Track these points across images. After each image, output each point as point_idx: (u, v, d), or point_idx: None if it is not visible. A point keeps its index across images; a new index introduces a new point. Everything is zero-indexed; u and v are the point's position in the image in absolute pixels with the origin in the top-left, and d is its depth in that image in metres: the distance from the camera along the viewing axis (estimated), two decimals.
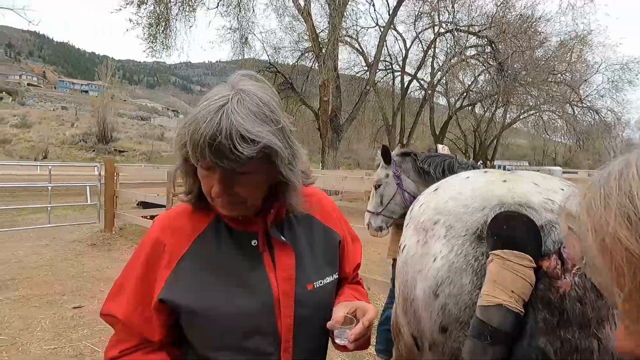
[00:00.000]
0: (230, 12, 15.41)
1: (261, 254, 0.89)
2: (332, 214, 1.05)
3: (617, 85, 22.71)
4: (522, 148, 50.23)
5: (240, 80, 0.82)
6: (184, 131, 0.77)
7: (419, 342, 1.23)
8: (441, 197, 1.37)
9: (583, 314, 0.92)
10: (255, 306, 0.85)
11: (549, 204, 1.10)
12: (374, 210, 2.69)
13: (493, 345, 0.89)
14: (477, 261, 1.05)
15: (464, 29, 18.62)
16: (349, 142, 26.73)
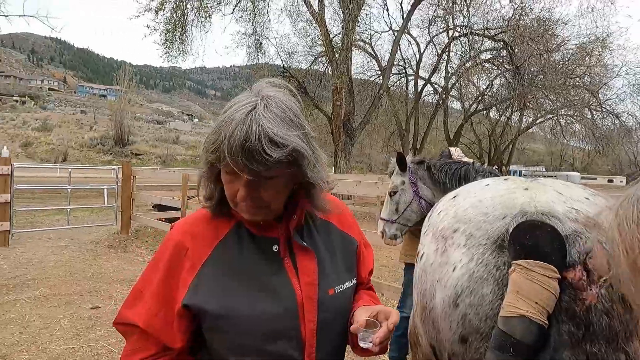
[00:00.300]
0: (245, 17, 15.61)
1: (282, 260, 0.90)
2: (349, 220, 1.07)
3: (638, 88, 22.08)
4: (538, 153, 49.27)
5: (265, 87, 0.85)
6: (214, 137, 0.79)
7: (437, 352, 1.21)
8: (461, 204, 1.35)
9: (610, 327, 0.90)
10: (279, 310, 0.86)
11: (572, 213, 1.07)
12: (389, 218, 2.66)
13: (515, 357, 0.87)
14: (498, 271, 1.03)
15: (479, 32, 18.43)
16: (362, 146, 26.67)
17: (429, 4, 18.94)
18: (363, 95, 20.81)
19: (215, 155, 0.80)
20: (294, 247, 0.92)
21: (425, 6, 18.96)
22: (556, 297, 0.90)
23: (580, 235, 0.99)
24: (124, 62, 65.98)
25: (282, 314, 0.86)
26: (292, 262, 0.90)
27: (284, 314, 0.86)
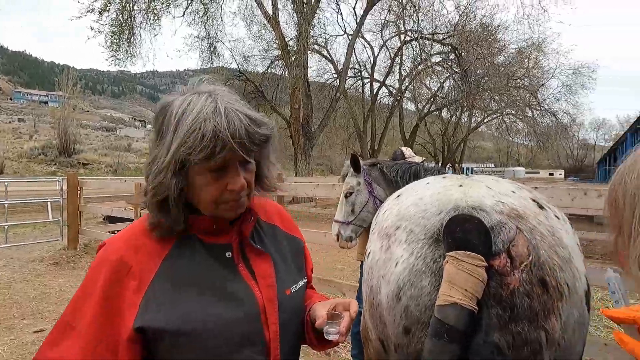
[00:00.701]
0: (197, 20, 15.26)
1: (237, 265, 0.88)
2: (291, 222, 1.09)
3: (570, 89, 24.20)
4: (487, 150, 52.22)
5: (201, 85, 0.86)
6: (189, 139, 0.76)
7: (385, 345, 1.27)
8: (403, 203, 1.42)
9: (531, 307, 0.99)
10: (242, 317, 0.84)
11: (499, 206, 1.16)
12: (344, 220, 2.65)
13: (450, 343, 0.94)
14: (435, 263, 1.10)
15: (429, 37, 19.29)
16: (322, 148, 26.91)
17: (381, 9, 19.57)
18: (320, 98, 21.04)
19: (205, 153, 0.76)
20: (246, 252, 0.91)
21: (377, 11, 19.58)
22: (484, 283, 0.98)
23: (505, 226, 1.07)
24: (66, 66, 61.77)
25: (245, 319, 0.84)
26: (247, 266, 0.89)
27: (247, 320, 0.84)
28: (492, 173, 40.38)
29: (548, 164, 47.11)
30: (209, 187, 0.82)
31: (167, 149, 0.78)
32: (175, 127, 0.78)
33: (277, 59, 18.79)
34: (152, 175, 0.81)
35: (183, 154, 0.76)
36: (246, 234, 0.91)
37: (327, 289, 4.24)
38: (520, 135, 28.96)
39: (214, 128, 0.76)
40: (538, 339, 0.98)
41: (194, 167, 0.79)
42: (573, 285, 1.06)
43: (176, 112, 0.79)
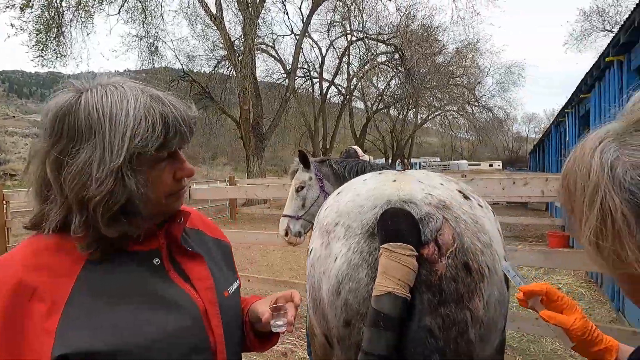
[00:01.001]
0: (135, 18, 14.44)
1: (167, 272, 0.82)
2: (214, 226, 1.07)
3: (503, 86, 26.19)
4: (433, 145, 54.91)
5: (100, 78, 0.81)
6: (139, 130, 0.71)
7: (329, 340, 1.30)
8: (343, 199, 1.46)
9: (457, 290, 1.07)
10: (184, 325, 0.78)
11: (428, 199, 1.24)
12: (294, 214, 2.65)
13: (386, 330, 0.99)
14: (371, 256, 1.15)
15: (374, 37, 19.88)
16: (274, 149, 26.73)
17: (327, 10, 19.82)
18: (270, 98, 20.89)
19: (160, 141, 0.73)
20: (176, 256, 0.85)
21: (323, 11, 19.81)
22: (415, 272, 1.04)
23: (433, 217, 1.15)
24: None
25: (188, 326, 0.79)
26: (179, 271, 0.84)
27: (190, 327, 0.79)
28: (438, 167, 42.56)
29: (488, 156, 50.60)
30: (163, 178, 0.78)
31: (110, 149, 0.70)
32: (110, 123, 0.71)
33: (223, 59, 18.34)
34: (93, 185, 0.69)
35: (138, 147, 0.71)
36: (177, 237, 0.85)
37: (283, 289, 4.22)
38: (462, 130, 30.86)
39: (161, 114, 0.74)
40: (464, 319, 1.07)
41: (144, 161, 0.74)
42: (493, 267, 1.16)
43: (101, 108, 0.72)
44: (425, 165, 42.67)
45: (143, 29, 14.71)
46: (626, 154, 0.45)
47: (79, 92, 0.75)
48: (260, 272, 6.27)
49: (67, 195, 0.71)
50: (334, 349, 1.28)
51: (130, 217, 0.74)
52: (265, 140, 16.38)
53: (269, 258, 7.43)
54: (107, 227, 0.72)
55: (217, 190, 6.86)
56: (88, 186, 0.70)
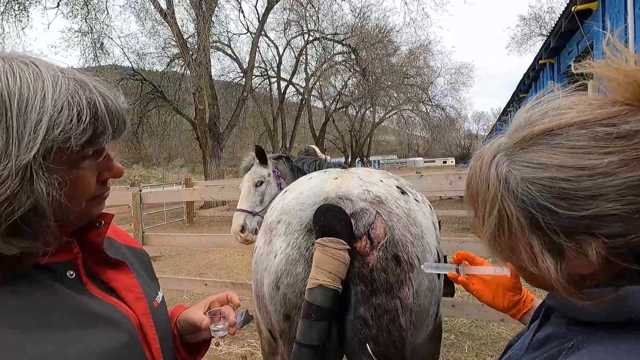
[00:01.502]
0: (76, 12, 13.54)
1: (85, 285, 0.71)
2: (126, 234, 0.97)
3: (454, 86, 27.51)
4: (391, 144, 56.45)
5: (4, 53, 0.63)
6: (60, 120, 0.58)
7: (273, 334, 1.33)
8: (287, 197, 1.49)
9: (387, 281, 1.14)
10: (118, 342, 0.68)
11: (365, 195, 1.31)
12: (251, 210, 2.57)
13: (318, 321, 1.03)
14: (308, 251, 1.19)
15: (330, 37, 20.09)
16: (233, 149, 26.24)
17: (283, 9, 19.73)
18: (227, 97, 20.48)
19: (89, 134, 0.61)
20: (93, 267, 0.74)
21: (279, 10, 19.69)
22: (346, 265, 1.09)
23: (366, 212, 1.22)
24: None
25: (123, 343, 0.69)
26: (99, 284, 0.74)
27: (126, 343, 0.69)
28: (396, 164, 43.77)
29: (442, 153, 52.91)
30: (85, 180, 0.65)
31: (17, 140, 0.56)
32: (19, 106, 0.56)
33: (176, 57, 17.70)
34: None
35: (57, 141, 0.57)
36: (98, 244, 0.74)
37: (242, 292, 4.20)
38: (417, 129, 32.02)
39: (88, 102, 0.60)
40: (395, 308, 1.14)
41: (63, 159, 0.60)
42: (423, 257, 1.25)
43: (5, 87, 0.57)
44: (383, 163, 43.80)
45: (86, 24, 13.82)
46: (516, 169, 0.52)
47: None
48: (220, 276, 6.15)
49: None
50: (278, 343, 1.31)
51: (36, 229, 0.59)
52: (222, 141, 16.03)
53: (228, 261, 7.31)
54: (4, 241, 0.57)
55: (171, 194, 6.64)
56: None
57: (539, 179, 0.50)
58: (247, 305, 4.68)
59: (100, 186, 0.70)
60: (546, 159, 0.50)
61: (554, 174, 0.49)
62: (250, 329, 4.03)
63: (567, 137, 0.49)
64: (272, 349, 1.40)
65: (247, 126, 24.09)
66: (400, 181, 1.58)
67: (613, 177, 0.46)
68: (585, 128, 0.49)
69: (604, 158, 0.46)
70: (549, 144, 0.51)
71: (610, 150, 0.47)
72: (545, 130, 0.52)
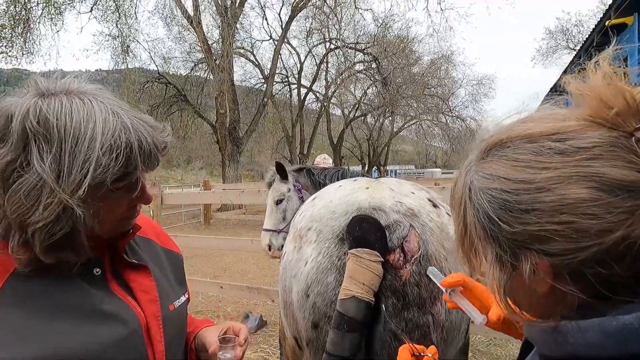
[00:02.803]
0: (107, 17, 14.04)
1: (108, 283, 0.78)
2: (166, 236, 1.03)
3: (475, 97, 27.16)
4: (409, 153, 56.00)
5: (65, 82, 0.71)
6: (103, 160, 0.65)
7: (299, 342, 1.32)
8: (317, 205, 1.50)
9: (420, 295, 1.12)
10: (121, 337, 0.73)
11: (397, 206, 1.30)
12: (275, 228, 2.61)
13: (350, 332, 1.02)
14: (340, 261, 1.19)
15: (351, 46, 20.18)
16: (251, 154, 26.54)
17: (306, 17, 19.96)
18: (248, 103, 20.76)
19: (121, 173, 0.68)
20: (119, 267, 0.81)
21: (302, 18, 19.92)
22: (380, 277, 1.08)
23: (400, 224, 1.20)
24: None
25: (126, 340, 0.74)
26: (121, 283, 0.80)
27: (129, 341, 0.74)
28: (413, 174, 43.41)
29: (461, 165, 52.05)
30: (117, 207, 0.73)
31: (66, 175, 0.63)
32: (71, 145, 0.63)
33: (200, 62, 18.10)
34: (39, 210, 0.62)
35: (96, 179, 0.64)
36: (120, 249, 0.81)
37: (256, 296, 4.21)
38: (436, 139, 31.69)
39: (127, 144, 0.67)
40: (427, 323, 1.12)
41: (98, 192, 0.67)
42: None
43: (62, 125, 0.64)
44: (400, 173, 43.46)
45: (117, 28, 14.33)
46: (476, 179, 0.52)
47: (41, 97, 0.67)
48: (235, 279, 6.19)
49: (8, 214, 0.65)
50: (304, 351, 1.30)
51: (73, 245, 0.68)
52: (241, 145, 16.23)
53: (243, 265, 7.34)
54: (45, 254, 0.66)
55: (190, 195, 6.75)
56: (32, 210, 0.63)
57: (488, 190, 0.50)
58: (261, 309, 4.69)
59: (131, 209, 0.78)
60: (495, 170, 0.50)
61: (499, 186, 0.48)
62: (264, 335, 4.02)
63: (515, 149, 0.49)
64: (296, 356, 1.39)
65: (266, 131, 24.34)
66: (431, 193, 1.56)
67: (548, 192, 0.45)
68: (532, 142, 0.48)
69: (541, 173, 0.46)
70: (500, 155, 0.51)
71: (548, 166, 0.46)
72: (498, 141, 0.52)
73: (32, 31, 12.37)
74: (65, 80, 0.72)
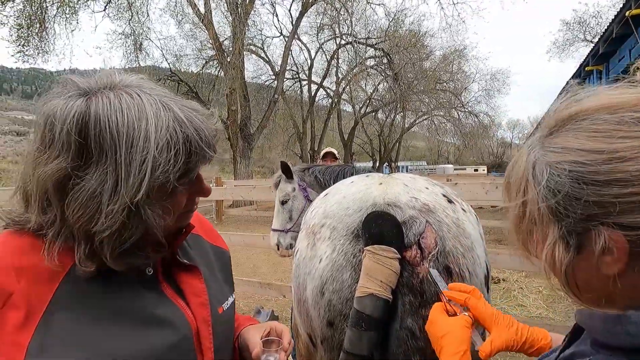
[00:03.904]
0: (120, 16, 14.21)
1: (160, 284, 0.75)
2: (214, 231, 1.00)
3: (489, 92, 26.69)
4: (420, 149, 55.52)
5: (110, 77, 0.68)
6: (162, 160, 0.62)
7: (313, 340, 1.31)
8: (329, 201, 1.48)
9: (437, 293, 1.09)
10: (173, 343, 0.70)
11: (413, 202, 1.27)
12: (283, 228, 2.64)
13: (368, 330, 1.01)
14: (355, 258, 1.17)
15: (362, 41, 20.03)
16: (262, 150, 26.65)
17: (316, 12, 19.89)
18: (259, 99, 20.83)
19: (182, 170, 0.65)
20: (170, 268, 0.78)
21: (313, 14, 19.87)
22: (397, 274, 1.06)
23: (416, 220, 1.18)
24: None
25: (177, 346, 0.71)
26: (173, 284, 0.77)
27: (179, 346, 0.71)
28: (425, 170, 43.00)
29: (473, 161, 51.45)
30: (179, 202, 0.71)
31: (125, 179, 0.60)
32: (126, 147, 0.60)
33: (211, 59, 18.21)
34: (102, 218, 0.60)
35: (158, 180, 0.62)
36: (174, 248, 0.77)
37: (268, 292, 4.24)
38: (448, 135, 31.30)
39: (184, 140, 0.64)
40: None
41: (162, 193, 0.65)
42: (473, 270, 1.19)
43: (115, 126, 0.60)
44: (411, 169, 43.11)
45: (129, 26, 14.49)
46: (543, 154, 0.51)
47: (85, 96, 0.63)
48: (246, 275, 6.23)
49: (71, 224, 0.62)
50: (318, 349, 1.29)
51: (145, 249, 0.67)
52: (252, 142, 16.30)
53: (255, 260, 7.39)
54: (116, 262, 0.64)
55: None
56: (96, 219, 0.60)
57: (560, 163, 0.48)
58: (272, 305, 4.71)
59: (190, 202, 0.75)
60: (569, 142, 0.48)
61: (573, 158, 0.46)
62: None
63: (593, 121, 0.47)
64: (309, 353, 1.38)
65: (277, 128, 24.40)
66: (445, 189, 1.52)
67: (631, 162, 0.42)
68: (612, 113, 0.46)
69: (624, 142, 0.43)
70: (574, 128, 0.49)
71: (631, 135, 0.43)
72: (573, 114, 0.50)
73: (48, 30, 12.60)
74: (105, 73, 0.68)
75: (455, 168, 47.64)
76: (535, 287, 5.10)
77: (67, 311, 0.63)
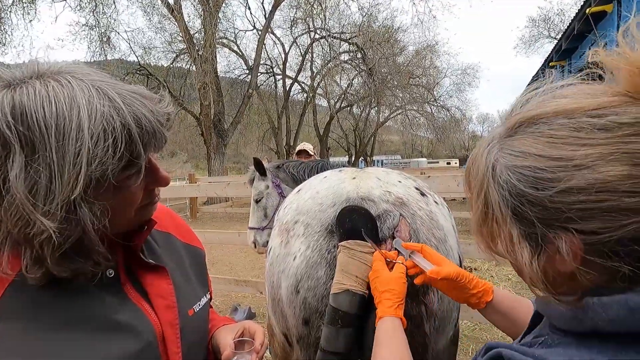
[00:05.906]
0: (84, 6, 13.53)
1: (123, 286, 0.71)
2: (186, 228, 0.95)
3: (460, 87, 27.36)
4: (395, 144, 56.29)
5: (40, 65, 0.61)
6: (98, 151, 0.56)
7: (289, 339, 1.29)
8: (302, 197, 1.45)
9: (412, 285, 1.09)
10: (135, 351, 0.66)
11: (386, 196, 1.26)
12: (259, 226, 2.65)
13: (344, 327, 0.99)
14: (329, 254, 1.15)
15: (336, 35, 20.01)
16: (237, 146, 26.24)
17: (290, 6, 19.66)
18: (232, 94, 20.45)
19: (125, 161, 0.59)
20: (134, 268, 0.74)
21: (286, 7, 19.63)
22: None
23: (390, 214, 1.17)
24: None
25: (139, 352, 0.67)
26: (136, 286, 0.73)
27: (141, 352, 0.67)
28: (399, 164, 43.72)
29: (446, 154, 52.73)
30: (131, 196, 0.65)
31: (58, 175, 0.55)
32: (57, 140, 0.55)
33: (182, 52, 17.68)
34: (40, 219, 0.55)
35: (96, 174, 0.56)
36: (136, 247, 0.73)
37: (245, 289, 4.19)
38: (421, 129, 31.90)
39: (123, 125, 0.58)
40: (420, 313, 1.09)
41: (103, 188, 0.60)
42: None
43: (42, 118, 0.54)
44: (387, 163, 43.73)
45: (93, 17, 13.81)
46: (502, 156, 0.51)
47: (9, 88, 0.57)
48: (222, 273, 6.14)
49: (9, 227, 0.57)
50: (294, 348, 1.27)
51: (87, 253, 0.61)
52: (227, 137, 16.01)
53: (231, 258, 7.29)
54: (58, 267, 0.59)
55: (175, 189, 6.61)
56: (32, 222, 0.55)
57: (519, 168, 0.48)
58: (250, 302, 4.66)
59: (148, 195, 0.70)
60: (527, 147, 0.48)
61: (531, 163, 0.47)
62: None
63: (550, 125, 0.48)
64: (285, 352, 1.36)
65: (252, 123, 24.07)
66: (418, 182, 1.53)
67: (588, 170, 0.43)
68: (569, 117, 0.47)
69: (580, 150, 0.44)
70: (532, 132, 0.49)
71: (588, 142, 0.44)
72: (531, 117, 0.50)
73: (3, 20, 11.83)
74: (32, 62, 0.61)
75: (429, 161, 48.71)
76: (504, 275, 5.30)
77: (14, 320, 0.59)
